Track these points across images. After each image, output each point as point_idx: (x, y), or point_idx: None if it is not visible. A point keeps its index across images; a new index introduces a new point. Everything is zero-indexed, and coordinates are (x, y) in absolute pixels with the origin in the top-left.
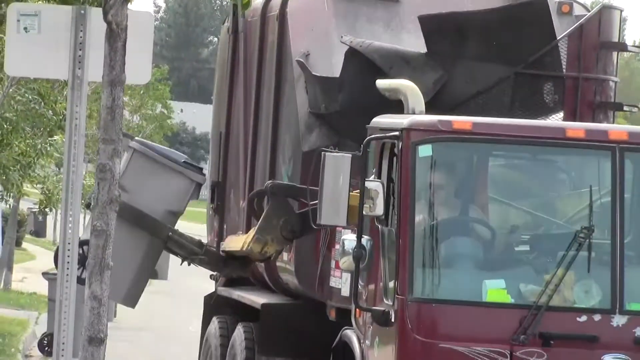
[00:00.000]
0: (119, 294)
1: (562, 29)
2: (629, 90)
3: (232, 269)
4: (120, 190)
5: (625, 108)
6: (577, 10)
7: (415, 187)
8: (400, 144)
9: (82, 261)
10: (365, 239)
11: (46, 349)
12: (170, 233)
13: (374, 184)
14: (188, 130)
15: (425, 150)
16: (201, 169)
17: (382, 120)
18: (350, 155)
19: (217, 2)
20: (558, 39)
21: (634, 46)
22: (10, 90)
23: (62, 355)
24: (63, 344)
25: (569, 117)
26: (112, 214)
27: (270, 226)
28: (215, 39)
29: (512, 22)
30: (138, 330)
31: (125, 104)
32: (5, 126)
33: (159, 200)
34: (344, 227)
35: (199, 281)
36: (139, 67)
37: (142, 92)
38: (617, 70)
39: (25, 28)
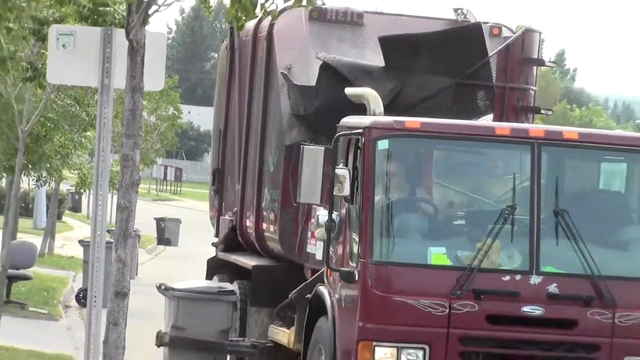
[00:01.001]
0: None
1: (492, 48)
2: (545, 97)
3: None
4: (178, 330)
5: (542, 111)
6: (505, 32)
7: (374, 174)
8: (363, 139)
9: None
10: (335, 214)
11: (81, 301)
12: (229, 347)
13: (342, 171)
14: (194, 128)
15: (383, 144)
16: (233, 291)
17: (349, 120)
18: (323, 148)
19: (217, 25)
20: (489, 56)
21: (549, 62)
22: (52, 95)
23: (94, 306)
24: (95, 297)
25: (497, 118)
26: (134, 194)
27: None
28: (216, 54)
29: (453, 42)
30: (155, 285)
31: (143, 107)
32: (48, 124)
33: (209, 326)
34: (318, 205)
35: (203, 247)
36: (155, 77)
37: (157, 97)
38: (537, 81)
39: (63, 45)
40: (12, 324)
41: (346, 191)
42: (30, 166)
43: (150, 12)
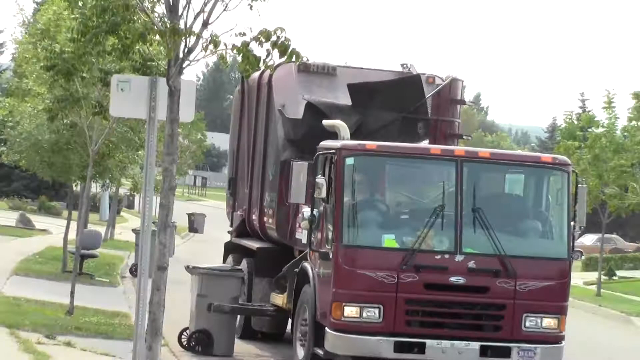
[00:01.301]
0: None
1: (428, 91)
2: (467, 127)
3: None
4: (202, 297)
5: (464, 137)
6: (437, 80)
7: (344, 182)
8: (336, 157)
9: (133, 271)
10: (315, 211)
11: (133, 272)
12: (239, 309)
13: (320, 180)
14: (215, 148)
15: (350, 161)
16: (241, 269)
17: (326, 143)
18: (307, 163)
19: (232, 74)
20: (426, 97)
21: (469, 102)
22: (113, 125)
23: (142, 276)
24: (143, 270)
25: (432, 142)
26: (171, 196)
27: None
28: (231, 96)
29: (400, 88)
30: (187, 262)
31: (179, 133)
32: (110, 146)
33: (224, 294)
34: (303, 204)
35: (221, 234)
36: (187, 112)
37: (189, 126)
38: (460, 115)
39: (121, 89)
40: (83, 290)
41: (323, 194)
42: (97, 175)
43: (184, 66)
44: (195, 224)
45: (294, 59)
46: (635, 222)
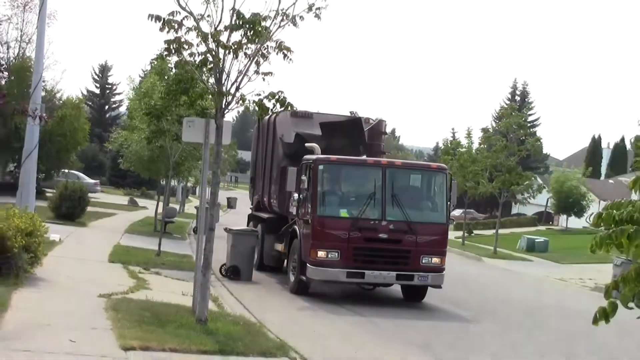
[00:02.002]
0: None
1: (366, 127)
2: (387, 147)
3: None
4: (234, 246)
5: (386, 153)
6: (371, 121)
7: (317, 179)
8: (313, 164)
9: (194, 230)
10: (301, 196)
11: (194, 231)
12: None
13: (304, 177)
14: (242, 160)
15: (321, 167)
16: (257, 231)
17: (307, 157)
18: (296, 168)
19: (253, 117)
20: (364, 131)
21: (389, 133)
22: (184, 146)
23: (200, 234)
24: (201, 230)
25: (368, 156)
26: (217, 187)
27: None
28: (252, 129)
29: (350, 125)
30: (226, 225)
31: (222, 150)
32: (182, 158)
33: (247, 245)
34: (294, 192)
35: (247, 209)
36: (226, 138)
37: (227, 146)
38: (384, 140)
39: (189, 125)
40: (166, 242)
41: (306, 186)
42: (175, 175)
43: (224, 112)
44: (231, 203)
45: (289, 109)
46: (484, 202)
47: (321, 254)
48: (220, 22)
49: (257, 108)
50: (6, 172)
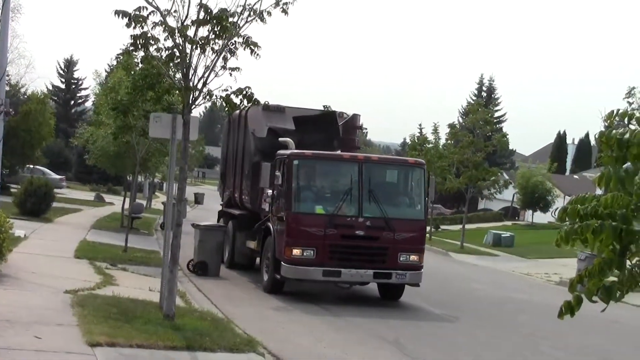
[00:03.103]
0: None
1: (340, 122)
2: (363, 143)
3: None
4: (202, 242)
5: (359, 148)
6: (345, 115)
7: (292, 174)
8: (288, 159)
9: (161, 226)
10: (275, 192)
11: (161, 227)
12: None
13: (278, 173)
14: (210, 156)
15: (296, 162)
16: (224, 226)
17: (282, 151)
18: (270, 163)
19: (220, 113)
20: (339, 125)
21: (364, 128)
22: (151, 141)
23: (167, 229)
24: (168, 226)
25: (343, 151)
26: (185, 183)
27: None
28: (219, 125)
29: (324, 120)
30: (193, 221)
31: (189, 146)
32: (149, 154)
33: (214, 240)
34: (267, 188)
35: (214, 205)
36: (193, 134)
37: (195, 142)
38: (358, 135)
39: (156, 121)
40: (132, 238)
41: (280, 181)
42: (141, 171)
43: (192, 108)
44: (198, 199)
45: (256, 104)
46: (451, 197)
47: (296, 252)
48: (187, 17)
49: (224, 104)
50: None
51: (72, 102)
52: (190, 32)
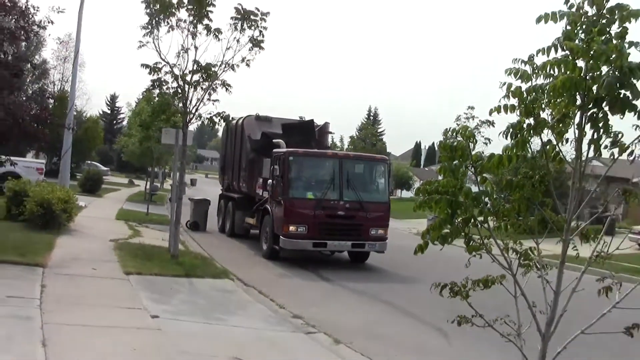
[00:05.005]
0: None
1: (316, 127)
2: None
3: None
4: (194, 208)
5: (330, 148)
6: (320, 123)
7: (288, 168)
8: (284, 156)
9: (169, 199)
10: (274, 182)
11: (170, 200)
12: (208, 206)
13: (276, 167)
14: (200, 155)
15: (291, 158)
16: (208, 200)
17: (278, 149)
18: (269, 159)
19: (208, 127)
20: (315, 131)
21: (332, 132)
22: (163, 147)
23: (173, 201)
24: (174, 199)
25: (318, 149)
26: (184, 172)
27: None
28: (206, 135)
29: (304, 127)
30: (189, 196)
31: (187, 149)
32: (162, 153)
33: (202, 207)
34: (269, 178)
35: (202, 186)
36: (189, 140)
37: (190, 146)
38: (328, 138)
39: (166, 132)
40: (152, 207)
41: (278, 173)
42: (157, 165)
43: (188, 124)
44: (193, 182)
45: (254, 115)
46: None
47: (292, 228)
48: (186, 68)
49: (209, 122)
50: (52, 163)
51: (114, 121)
52: (188, 78)
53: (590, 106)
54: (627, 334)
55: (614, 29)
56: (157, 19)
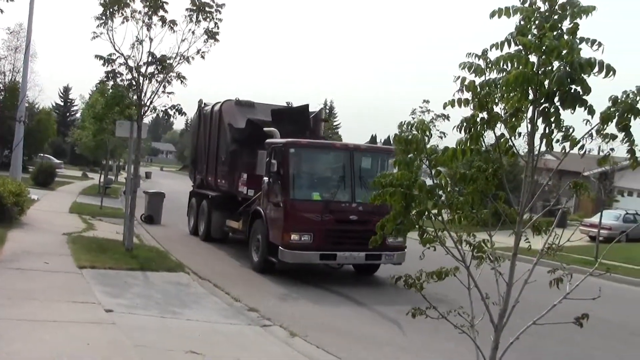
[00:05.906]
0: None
1: (311, 115)
2: (327, 134)
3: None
4: (149, 202)
5: (324, 136)
6: (314, 109)
7: (287, 162)
8: (283, 148)
9: (124, 192)
10: (270, 180)
11: (124, 193)
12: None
13: (273, 161)
14: (154, 147)
15: (291, 150)
16: (163, 193)
17: (273, 140)
18: (265, 151)
19: (163, 120)
20: (310, 118)
21: (327, 120)
22: (117, 139)
23: (128, 194)
24: (128, 192)
25: (312, 139)
26: (139, 165)
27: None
28: (161, 128)
29: (297, 112)
30: (144, 189)
31: (142, 141)
32: (116, 146)
33: (157, 204)
34: (262, 175)
35: (158, 179)
36: (144, 133)
37: (145, 139)
38: (323, 125)
39: (120, 125)
40: (106, 200)
41: (275, 169)
42: (111, 157)
43: (143, 116)
44: (148, 175)
45: (234, 99)
46: None
47: (294, 237)
48: (141, 59)
49: (164, 114)
50: (3, 155)
51: (68, 114)
52: (143, 70)
53: (542, 101)
54: (577, 324)
55: (566, 24)
56: (111, 9)
